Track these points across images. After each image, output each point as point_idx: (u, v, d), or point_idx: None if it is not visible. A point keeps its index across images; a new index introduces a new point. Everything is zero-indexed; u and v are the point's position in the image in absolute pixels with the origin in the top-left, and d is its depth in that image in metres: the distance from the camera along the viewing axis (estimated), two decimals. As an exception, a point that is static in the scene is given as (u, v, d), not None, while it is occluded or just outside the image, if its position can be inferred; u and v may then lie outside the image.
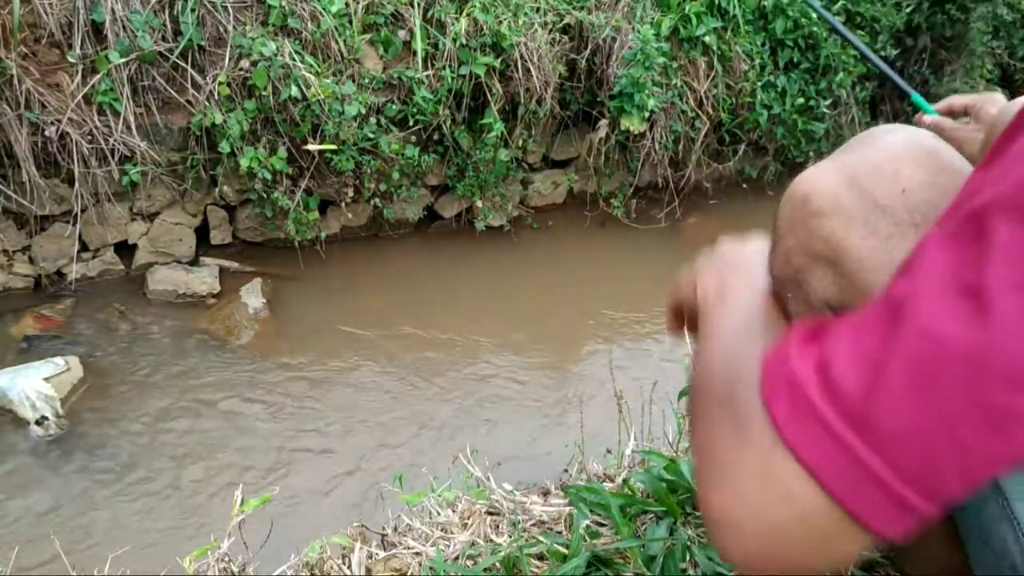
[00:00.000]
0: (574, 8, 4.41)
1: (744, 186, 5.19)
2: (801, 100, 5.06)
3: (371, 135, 3.82)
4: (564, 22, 4.37)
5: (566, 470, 1.62)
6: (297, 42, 3.70)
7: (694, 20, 4.62)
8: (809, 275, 0.81)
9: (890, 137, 0.82)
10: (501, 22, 4.05)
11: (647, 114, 4.37)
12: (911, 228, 0.75)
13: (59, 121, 3.32)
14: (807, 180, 0.82)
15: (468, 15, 4.00)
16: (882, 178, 0.78)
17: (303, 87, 3.58)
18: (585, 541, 1.14)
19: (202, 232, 3.96)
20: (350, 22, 3.84)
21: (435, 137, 4.16)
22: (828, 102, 5.16)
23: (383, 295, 3.89)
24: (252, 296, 3.66)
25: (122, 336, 3.40)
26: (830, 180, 0.81)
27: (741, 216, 4.94)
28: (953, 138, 1.18)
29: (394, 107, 3.95)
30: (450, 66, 3.99)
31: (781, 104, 5.00)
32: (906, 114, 5.84)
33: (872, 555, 1.07)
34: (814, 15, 4.91)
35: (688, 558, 1.11)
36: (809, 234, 0.80)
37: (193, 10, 3.55)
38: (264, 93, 3.57)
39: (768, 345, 0.57)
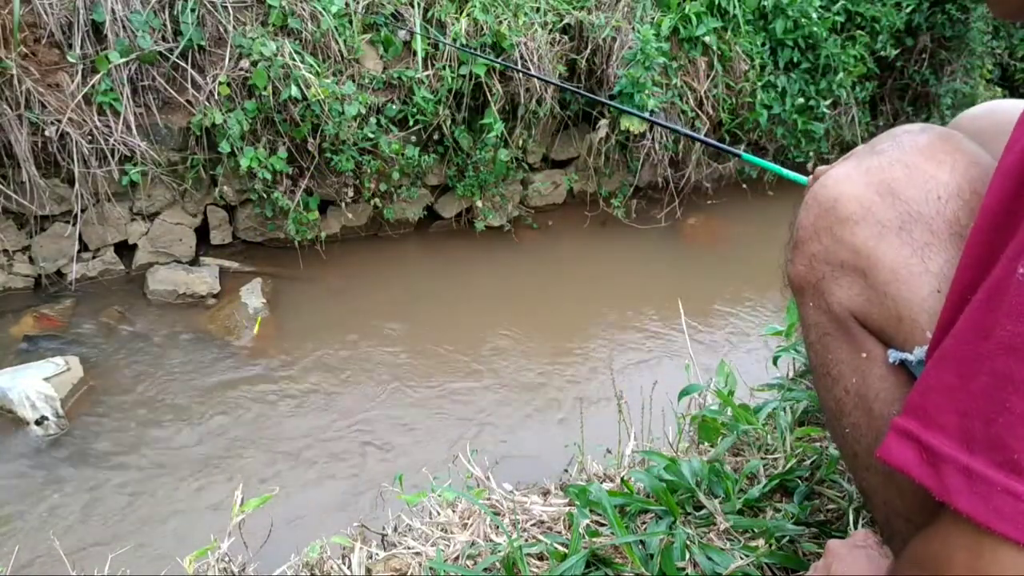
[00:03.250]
0: (574, 8, 4.41)
1: (744, 186, 5.19)
2: (801, 100, 5.06)
3: (371, 135, 3.82)
4: (564, 22, 4.37)
5: (566, 470, 1.62)
6: (297, 42, 3.70)
7: (694, 20, 4.62)
8: (833, 284, 0.77)
9: (920, 139, 0.76)
10: (501, 22, 4.05)
11: (647, 114, 4.37)
12: (949, 239, 0.70)
13: (59, 121, 3.32)
14: (835, 183, 0.77)
15: (468, 15, 4.01)
16: (916, 184, 0.72)
17: (303, 87, 3.59)
18: (584, 540, 1.14)
19: (202, 232, 3.96)
20: (350, 22, 3.84)
21: (435, 137, 4.16)
22: (828, 102, 5.16)
23: (383, 295, 3.89)
24: (252, 296, 3.66)
25: (122, 336, 3.40)
26: (859, 184, 0.75)
27: (741, 216, 4.95)
28: None
29: (394, 107, 3.95)
30: (450, 66, 3.99)
31: (781, 104, 5.00)
32: (906, 114, 5.84)
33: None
34: (814, 15, 4.92)
35: (687, 557, 1.11)
36: (836, 241, 0.76)
37: (193, 10, 3.55)
38: (264, 93, 3.57)
39: None
